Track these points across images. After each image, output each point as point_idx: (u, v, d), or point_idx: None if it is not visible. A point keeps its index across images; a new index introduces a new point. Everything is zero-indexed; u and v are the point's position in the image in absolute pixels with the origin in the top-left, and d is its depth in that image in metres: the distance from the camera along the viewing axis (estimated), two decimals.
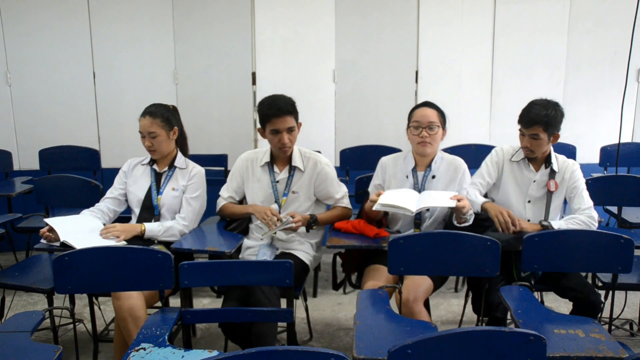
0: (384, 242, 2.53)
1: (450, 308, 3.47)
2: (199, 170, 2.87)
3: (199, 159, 4.22)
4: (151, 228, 2.67)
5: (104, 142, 4.48)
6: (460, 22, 4.40)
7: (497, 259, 2.22)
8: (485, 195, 2.79)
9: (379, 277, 2.52)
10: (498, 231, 2.53)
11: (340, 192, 2.84)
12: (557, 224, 2.58)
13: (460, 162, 2.78)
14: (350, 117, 4.51)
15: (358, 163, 4.20)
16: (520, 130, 2.67)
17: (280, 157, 2.79)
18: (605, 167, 4.12)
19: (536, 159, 2.73)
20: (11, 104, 4.35)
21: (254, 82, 4.44)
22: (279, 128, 2.64)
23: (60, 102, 4.38)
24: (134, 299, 2.31)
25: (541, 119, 2.57)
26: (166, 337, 1.87)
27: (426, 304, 2.60)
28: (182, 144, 2.92)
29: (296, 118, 2.70)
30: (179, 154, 2.88)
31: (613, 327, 2.99)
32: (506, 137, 4.41)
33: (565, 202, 2.77)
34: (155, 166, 2.86)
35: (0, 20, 4.21)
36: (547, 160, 2.73)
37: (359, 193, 3.20)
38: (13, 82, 4.32)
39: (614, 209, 3.38)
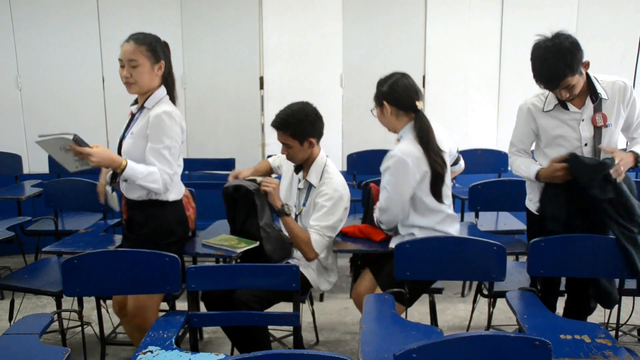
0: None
1: (457, 313, 3.46)
2: (162, 113, 2.31)
3: (207, 163, 4.27)
4: (133, 167, 2.29)
5: (113, 146, 4.49)
6: (468, 26, 4.40)
7: (503, 263, 2.21)
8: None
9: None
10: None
11: (319, 221, 2.52)
12: None
13: None
14: (358, 122, 4.51)
15: (365, 167, 4.19)
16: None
17: (305, 166, 2.69)
18: None
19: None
20: (21, 107, 4.38)
21: (261, 87, 4.45)
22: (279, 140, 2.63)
23: (69, 106, 4.41)
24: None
25: (564, 71, 2.15)
26: (173, 340, 1.88)
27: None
28: (169, 88, 2.46)
29: (293, 134, 2.54)
30: (157, 94, 2.39)
31: (620, 333, 2.97)
32: None
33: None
34: (134, 107, 2.48)
35: (11, 24, 4.25)
36: (592, 91, 2.28)
37: (359, 185, 3.17)
38: (23, 86, 4.36)
39: None
